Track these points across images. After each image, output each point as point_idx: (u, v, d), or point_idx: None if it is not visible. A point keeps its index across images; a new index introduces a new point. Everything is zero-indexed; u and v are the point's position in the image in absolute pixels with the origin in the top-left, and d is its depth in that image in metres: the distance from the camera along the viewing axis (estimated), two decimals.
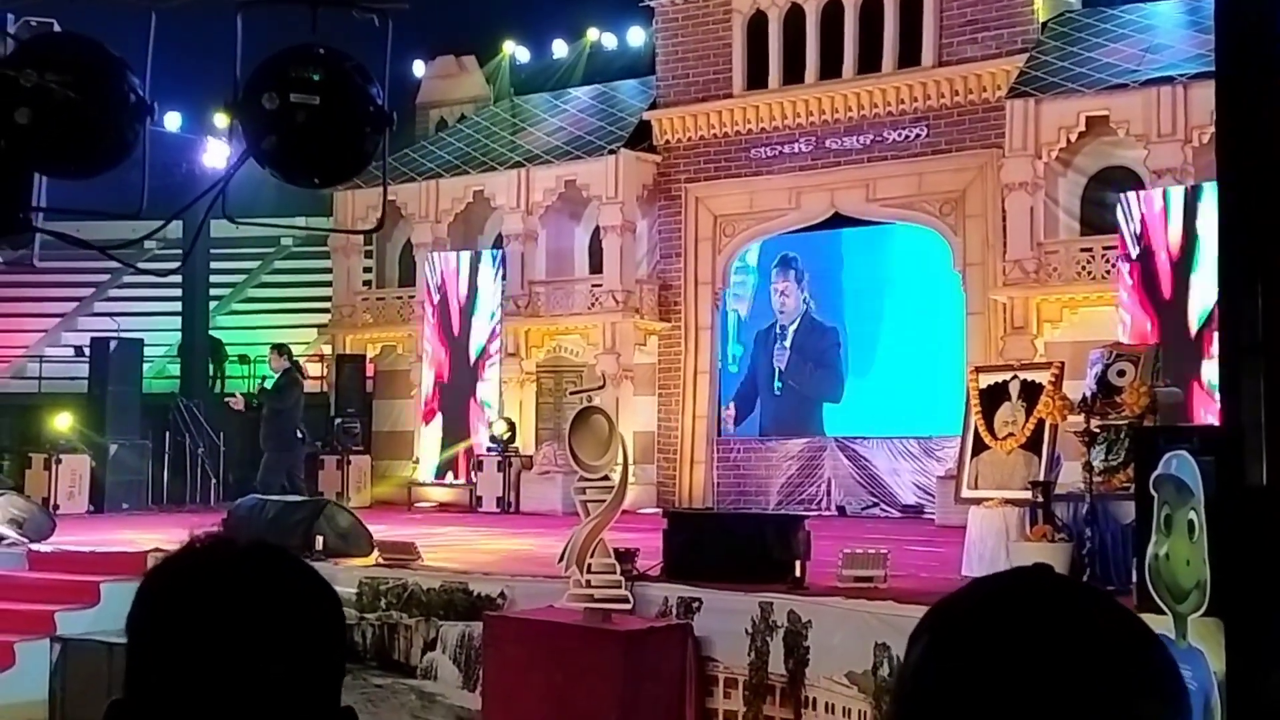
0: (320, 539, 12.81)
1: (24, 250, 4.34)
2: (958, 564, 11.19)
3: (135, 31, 3.90)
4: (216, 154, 23.82)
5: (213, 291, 30.77)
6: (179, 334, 28.85)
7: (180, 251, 27.00)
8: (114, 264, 27.69)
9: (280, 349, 15.87)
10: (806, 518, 11.59)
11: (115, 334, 24.53)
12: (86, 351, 25.00)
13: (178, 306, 29.17)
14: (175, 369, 29.36)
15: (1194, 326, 16.53)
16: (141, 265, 21.42)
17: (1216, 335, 7.37)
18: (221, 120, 16.24)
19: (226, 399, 15.33)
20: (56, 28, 3.97)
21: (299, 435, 15.48)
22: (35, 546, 14.30)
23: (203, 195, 4.18)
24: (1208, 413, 14.06)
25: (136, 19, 3.90)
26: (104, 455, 21.22)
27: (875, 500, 21.32)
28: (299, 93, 3.58)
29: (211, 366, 29.42)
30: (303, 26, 3.78)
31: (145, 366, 25.94)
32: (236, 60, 3.82)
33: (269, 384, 15.12)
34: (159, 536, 14.76)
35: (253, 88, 3.71)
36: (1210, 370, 14.55)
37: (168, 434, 23.83)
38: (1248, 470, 6.86)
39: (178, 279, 28.13)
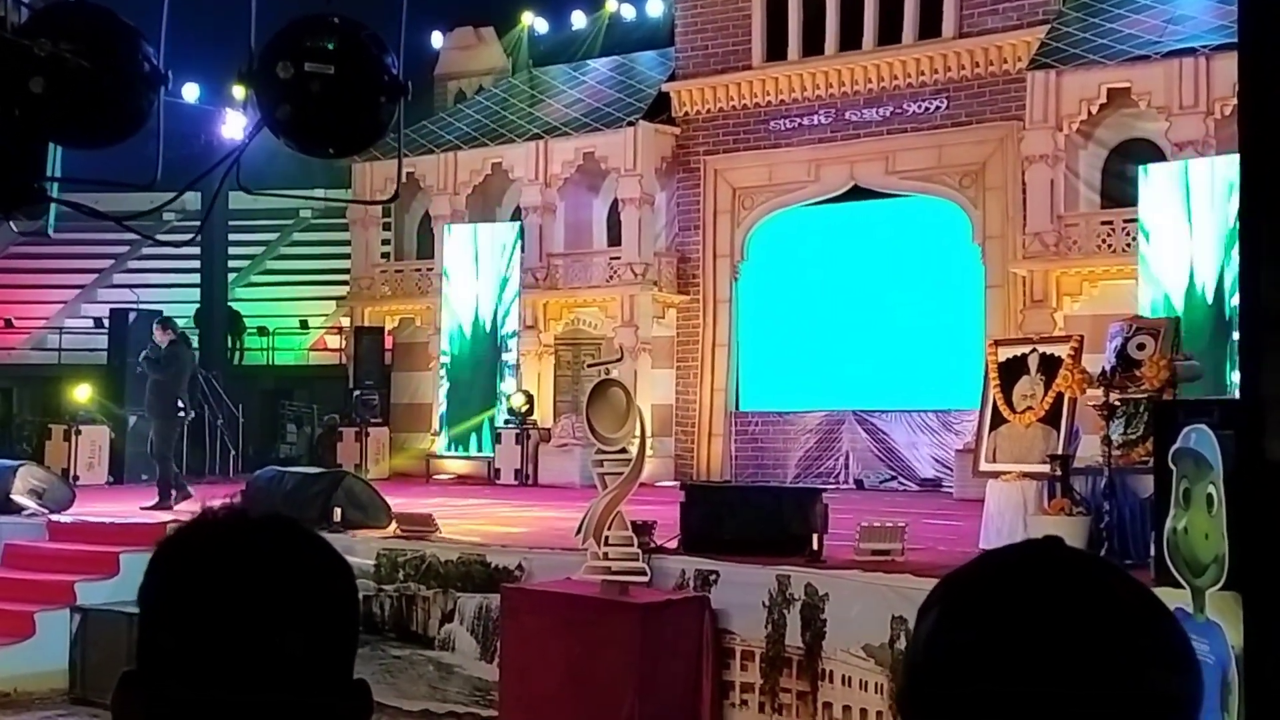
0: (338, 510, 12.85)
1: (40, 221, 4.34)
2: (975, 537, 11.19)
3: (150, 1, 3.89)
4: (234, 125, 23.86)
5: (231, 263, 30.87)
6: (198, 305, 28.95)
7: (198, 223, 27.08)
8: (132, 235, 27.72)
9: (165, 323, 16.33)
10: (824, 491, 11.58)
11: (134, 305, 24.61)
12: (105, 323, 25.08)
13: (196, 279, 29.29)
14: (194, 341, 29.45)
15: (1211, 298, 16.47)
16: (158, 237, 21.43)
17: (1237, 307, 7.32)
18: (239, 92, 16.27)
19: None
20: None
21: (179, 406, 15.96)
22: (55, 517, 14.37)
23: (217, 165, 4.17)
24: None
25: None
26: (123, 426, 21.30)
27: (893, 473, 21.31)
28: (313, 62, 3.56)
29: (230, 338, 29.52)
30: None
31: None
32: (251, 30, 3.80)
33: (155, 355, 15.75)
34: (177, 507, 14.85)
35: (267, 57, 3.69)
36: None
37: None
38: (1268, 444, 6.83)
39: (196, 250, 28.24)
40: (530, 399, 22.98)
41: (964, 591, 1.19)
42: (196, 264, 29.02)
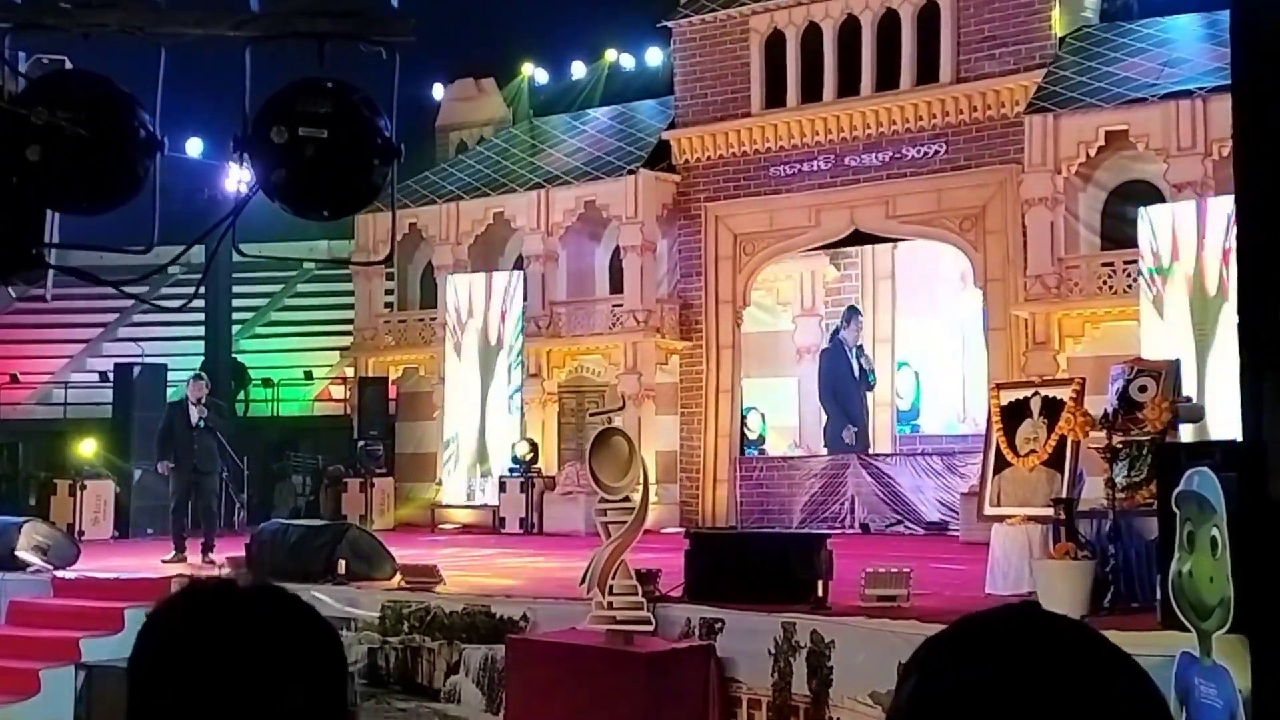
0: (343, 563, 12.83)
1: (38, 286, 4.38)
2: (981, 582, 11.15)
3: (147, 67, 3.94)
4: (237, 180, 23.99)
5: (236, 315, 30.95)
6: (202, 358, 29.00)
7: (201, 277, 27.20)
8: (139, 289, 27.84)
9: (202, 377, 16.73)
10: (829, 536, 11.56)
11: (139, 359, 24.67)
12: (111, 377, 25.13)
13: (201, 331, 29.33)
14: None
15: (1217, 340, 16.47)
16: (163, 290, 21.53)
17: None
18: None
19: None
20: (68, 65, 4.01)
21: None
22: (60, 573, 14.36)
23: (214, 228, 4.21)
24: None
25: (147, 55, 3.93)
26: (128, 481, 21.31)
27: (899, 517, 21.24)
28: (307, 126, 3.60)
29: (235, 390, 29.54)
30: (313, 60, 3.81)
31: (170, 391, 26.06)
32: (245, 94, 3.85)
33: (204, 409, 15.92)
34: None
35: (261, 122, 3.74)
36: None
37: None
38: (1270, 485, 6.83)
39: (200, 303, 28.32)
40: (535, 447, 22.98)
41: (945, 654, 1.20)
42: (201, 316, 29.09)
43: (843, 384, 22.69)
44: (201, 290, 26.35)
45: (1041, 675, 1.14)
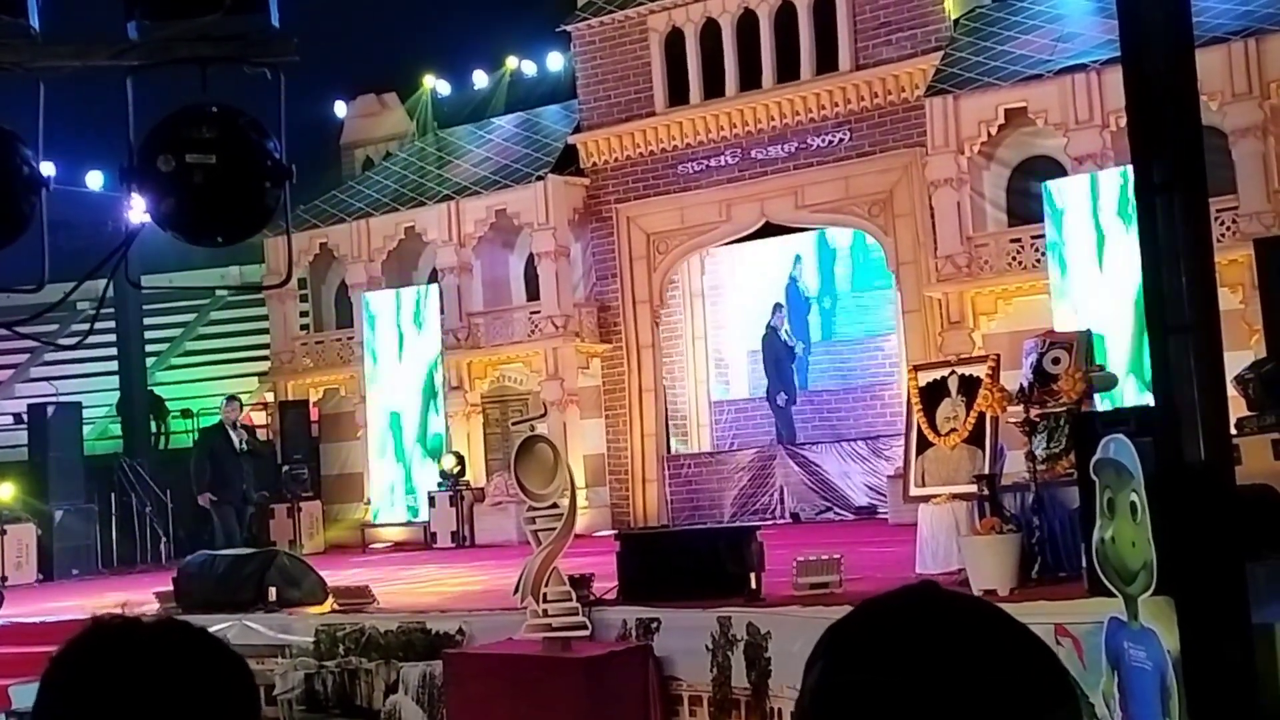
0: (273, 590, 12.69)
1: None
2: (912, 562, 11.24)
3: (26, 101, 3.87)
4: (139, 210, 23.68)
5: (150, 347, 30.52)
6: (118, 393, 28.59)
7: (113, 310, 26.81)
8: (47, 328, 27.37)
9: (235, 399, 15.71)
10: (759, 528, 11.61)
11: (53, 399, 24.26)
12: (25, 418, 24.69)
13: (115, 365, 28.90)
14: (117, 429, 29.07)
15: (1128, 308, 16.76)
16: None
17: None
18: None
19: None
20: None
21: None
22: None
23: (105, 262, 4.16)
24: None
25: (26, 89, 3.86)
26: (49, 522, 20.95)
27: (828, 504, 21.37)
28: (194, 153, 3.56)
29: (154, 423, 29.14)
30: (198, 85, 3.77)
31: (86, 428, 25.68)
32: (130, 124, 3.79)
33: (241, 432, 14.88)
34: (110, 601, 14.60)
35: (147, 151, 3.69)
36: None
37: (114, 495, 23.57)
38: (1185, 448, 6.94)
39: (113, 338, 27.92)
40: (461, 460, 22.87)
41: (848, 640, 1.21)
42: (114, 351, 28.66)
43: (778, 358, 22.57)
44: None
45: (942, 655, 1.15)
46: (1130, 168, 7.47)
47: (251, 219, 3.75)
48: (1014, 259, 19.59)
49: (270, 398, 27.31)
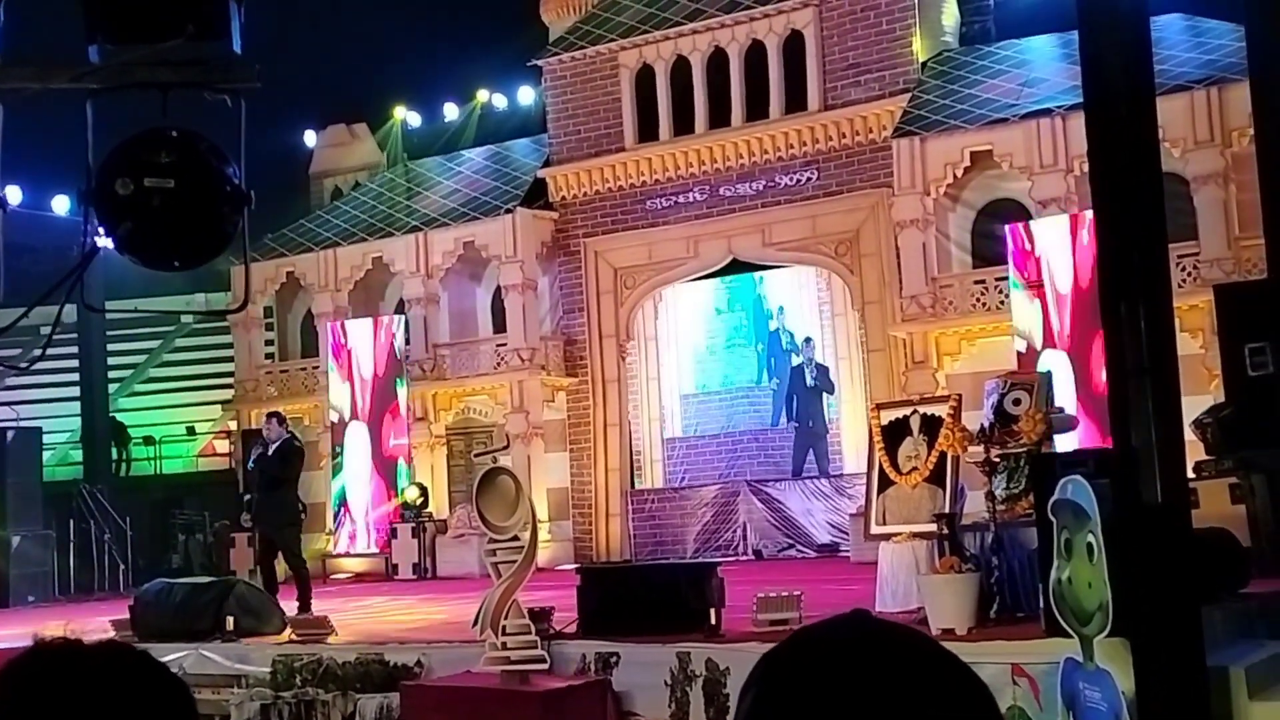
0: (231, 619, 12.58)
1: None
2: (872, 600, 11.24)
3: None
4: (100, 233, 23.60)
5: (113, 374, 30.34)
6: (80, 419, 28.39)
7: (76, 335, 26.67)
8: (8, 352, 27.19)
9: (278, 416, 15.12)
10: (720, 564, 11.59)
11: (13, 424, 24.07)
12: None
13: (77, 391, 28.73)
14: (79, 455, 28.87)
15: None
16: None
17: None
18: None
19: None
20: None
21: (301, 506, 14.84)
22: None
23: (55, 287, 4.14)
24: None
25: None
26: (6, 548, 20.76)
27: (791, 541, 21.39)
28: (152, 177, 3.55)
29: (116, 450, 28.95)
30: (159, 110, 3.77)
31: (46, 454, 25.46)
32: (88, 147, 3.79)
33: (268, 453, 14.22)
34: (66, 628, 14.43)
35: (106, 174, 3.68)
36: None
37: (72, 522, 23.39)
38: (1143, 490, 7.00)
39: (75, 363, 27.74)
40: (424, 491, 22.80)
41: (779, 670, 1.22)
42: (76, 377, 28.49)
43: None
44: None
45: (871, 684, 1.16)
46: (1088, 212, 7.56)
47: (209, 244, 3.75)
48: (978, 300, 19.73)
49: (234, 426, 27.18)
